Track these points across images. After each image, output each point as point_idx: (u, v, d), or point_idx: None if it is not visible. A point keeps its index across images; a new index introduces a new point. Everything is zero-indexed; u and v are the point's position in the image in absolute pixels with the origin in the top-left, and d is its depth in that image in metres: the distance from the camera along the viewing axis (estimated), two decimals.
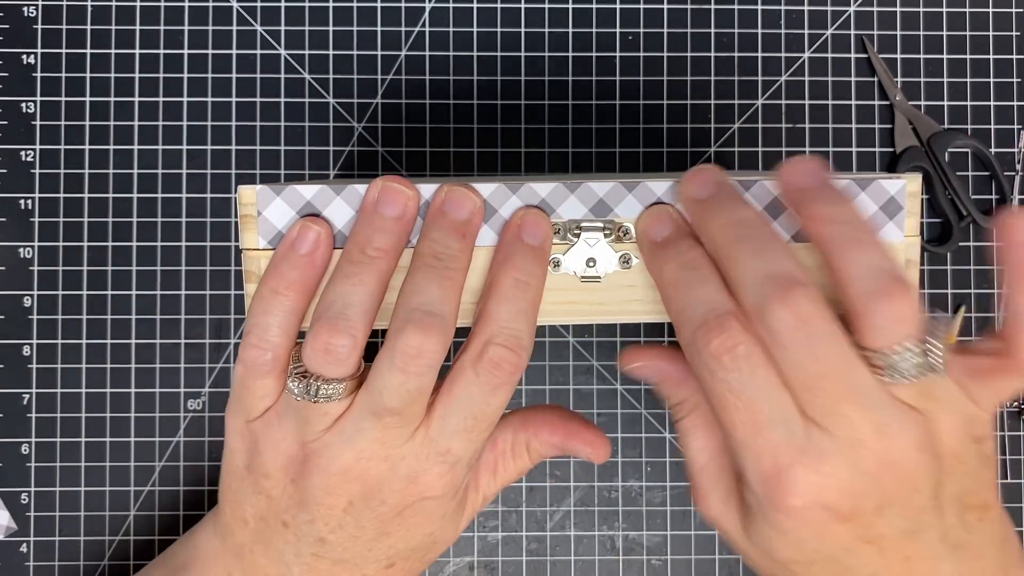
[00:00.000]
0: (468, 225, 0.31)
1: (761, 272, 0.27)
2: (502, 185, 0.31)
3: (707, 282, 0.29)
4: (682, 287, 0.29)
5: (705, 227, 0.29)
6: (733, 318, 0.27)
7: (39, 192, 0.45)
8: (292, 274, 0.30)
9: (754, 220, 0.29)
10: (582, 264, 0.31)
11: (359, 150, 0.46)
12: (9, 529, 0.45)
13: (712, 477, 0.32)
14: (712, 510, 0.32)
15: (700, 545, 0.46)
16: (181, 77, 0.46)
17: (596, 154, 0.46)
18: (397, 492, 0.31)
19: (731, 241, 0.28)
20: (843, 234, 0.28)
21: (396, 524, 0.32)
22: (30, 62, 0.45)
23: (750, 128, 0.46)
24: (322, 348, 0.29)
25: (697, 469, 0.33)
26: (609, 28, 0.46)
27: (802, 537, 0.28)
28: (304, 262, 0.30)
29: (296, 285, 0.31)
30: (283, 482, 0.31)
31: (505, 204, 0.31)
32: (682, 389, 0.33)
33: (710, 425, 0.32)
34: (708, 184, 0.30)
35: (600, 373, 0.46)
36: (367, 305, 0.30)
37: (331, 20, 0.46)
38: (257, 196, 0.31)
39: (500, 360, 0.30)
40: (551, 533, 0.46)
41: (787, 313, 0.26)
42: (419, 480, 0.31)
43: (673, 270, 0.29)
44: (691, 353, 0.28)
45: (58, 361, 0.45)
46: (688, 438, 0.33)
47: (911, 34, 0.46)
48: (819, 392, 0.27)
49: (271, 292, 0.31)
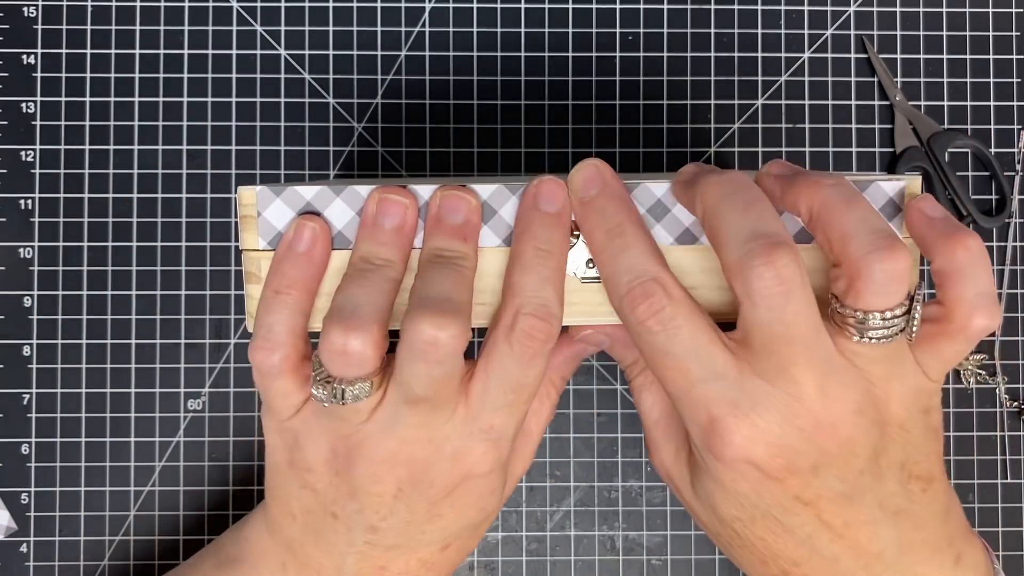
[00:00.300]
0: (467, 226, 0.31)
1: (748, 229, 0.27)
2: (502, 186, 0.31)
3: (630, 248, 0.29)
4: (608, 254, 0.30)
5: (697, 187, 0.29)
6: (655, 283, 0.28)
7: (39, 192, 0.45)
8: (292, 272, 0.30)
9: (744, 180, 0.29)
10: (582, 265, 0.31)
11: (359, 150, 0.46)
12: (9, 529, 0.45)
13: (663, 432, 0.33)
14: (665, 464, 0.33)
15: (700, 545, 0.46)
16: (181, 77, 0.46)
17: (596, 154, 0.46)
18: (445, 473, 0.31)
19: (720, 198, 0.28)
20: (840, 194, 0.28)
21: (447, 505, 0.32)
22: (30, 62, 0.45)
23: (750, 128, 0.46)
24: (339, 350, 0.29)
25: (650, 424, 0.34)
26: (609, 28, 0.46)
27: (740, 491, 0.29)
28: (302, 259, 0.30)
29: (297, 283, 0.31)
30: (327, 475, 0.31)
31: (505, 205, 0.31)
32: (631, 350, 0.34)
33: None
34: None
35: (600, 373, 0.46)
36: (378, 304, 0.30)
37: (331, 20, 0.46)
38: (257, 197, 0.31)
39: (531, 330, 0.29)
40: (551, 533, 0.46)
41: (769, 272, 0.26)
42: (465, 459, 0.31)
43: (600, 238, 0.30)
44: (622, 317, 0.29)
45: (58, 361, 0.45)
46: (641, 395, 0.34)
47: (911, 34, 0.46)
48: (774, 353, 0.27)
49: (273, 293, 0.31)
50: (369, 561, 0.32)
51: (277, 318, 0.30)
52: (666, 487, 0.46)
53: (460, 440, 0.31)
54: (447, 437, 0.31)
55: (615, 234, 0.29)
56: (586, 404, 0.46)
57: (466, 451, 0.31)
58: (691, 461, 0.32)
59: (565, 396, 0.46)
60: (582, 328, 0.34)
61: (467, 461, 0.31)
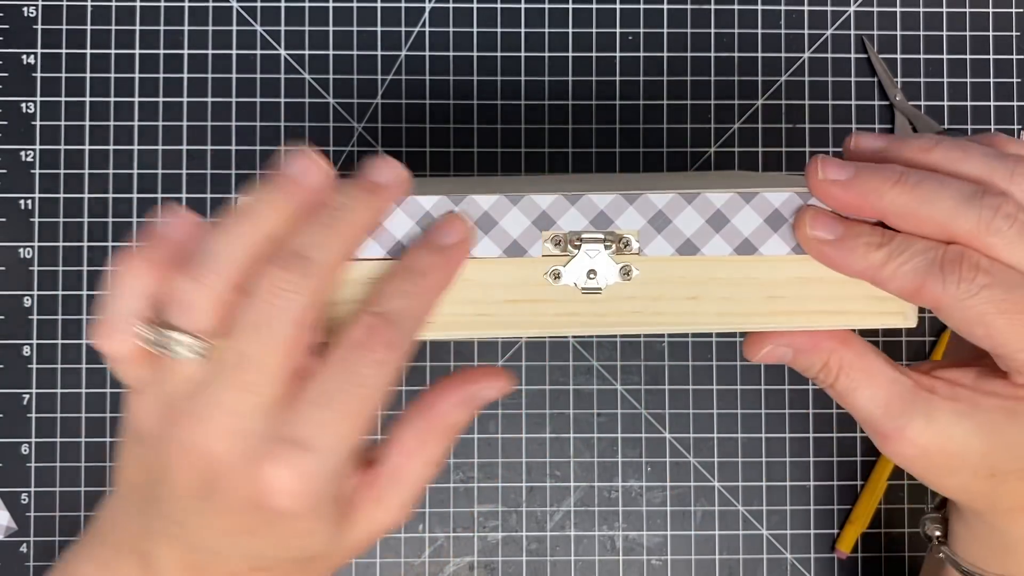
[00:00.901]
0: (382, 188, 0.28)
1: (981, 166, 0.29)
2: (503, 197, 0.31)
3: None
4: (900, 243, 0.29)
5: (884, 195, 0.29)
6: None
7: (39, 192, 0.45)
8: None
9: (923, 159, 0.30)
10: (583, 275, 0.31)
11: (359, 150, 0.46)
12: (9, 529, 0.45)
13: (900, 412, 0.31)
14: (919, 439, 0.31)
15: (700, 545, 0.46)
16: (181, 77, 0.46)
17: (596, 154, 0.46)
18: (243, 478, 0.26)
19: (915, 184, 0.29)
20: (953, 144, 0.29)
21: (259, 522, 0.28)
22: (30, 62, 0.45)
23: (750, 128, 0.46)
24: (171, 290, 0.26)
25: (878, 415, 0.31)
26: (609, 28, 0.46)
27: None
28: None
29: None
30: (145, 452, 0.28)
31: (506, 216, 0.31)
32: (818, 355, 0.32)
33: (868, 370, 0.31)
34: (844, 167, 0.30)
35: (600, 373, 0.46)
36: (233, 256, 0.27)
37: (331, 20, 0.46)
38: None
39: (375, 330, 0.27)
40: (551, 533, 0.46)
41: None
42: (265, 471, 0.26)
43: (872, 252, 0.29)
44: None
45: (58, 361, 0.45)
46: (853, 395, 0.32)
47: (911, 34, 0.46)
48: None
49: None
50: (175, 556, 0.29)
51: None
52: (666, 487, 0.46)
53: (266, 442, 0.26)
54: (254, 431, 0.26)
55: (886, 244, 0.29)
56: (586, 404, 0.46)
57: (268, 458, 0.26)
58: (956, 419, 0.31)
59: (565, 396, 0.46)
60: (758, 346, 0.32)
61: (267, 475, 0.26)
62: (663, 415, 0.46)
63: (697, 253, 0.31)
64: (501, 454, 0.46)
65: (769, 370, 0.46)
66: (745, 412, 0.46)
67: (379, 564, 0.45)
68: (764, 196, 0.31)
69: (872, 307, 0.31)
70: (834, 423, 0.46)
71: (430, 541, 0.45)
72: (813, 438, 0.46)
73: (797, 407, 0.46)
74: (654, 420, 0.46)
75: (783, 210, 0.30)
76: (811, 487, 0.46)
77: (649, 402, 0.46)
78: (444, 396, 0.31)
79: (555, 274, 0.31)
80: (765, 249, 0.31)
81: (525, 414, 0.46)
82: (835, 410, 0.46)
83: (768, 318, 0.31)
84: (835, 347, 0.31)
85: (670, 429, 0.46)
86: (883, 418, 0.31)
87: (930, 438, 0.31)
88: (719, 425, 0.46)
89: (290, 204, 0.28)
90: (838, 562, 0.46)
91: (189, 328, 0.27)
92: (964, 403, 0.31)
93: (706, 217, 0.31)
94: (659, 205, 0.31)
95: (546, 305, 0.31)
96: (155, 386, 0.28)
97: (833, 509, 0.46)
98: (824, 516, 0.46)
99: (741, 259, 0.31)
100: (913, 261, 0.29)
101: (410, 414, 0.31)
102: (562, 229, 0.31)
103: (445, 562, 0.45)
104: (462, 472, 0.46)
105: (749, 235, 0.31)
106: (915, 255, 0.29)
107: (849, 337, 0.31)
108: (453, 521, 0.45)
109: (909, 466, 0.32)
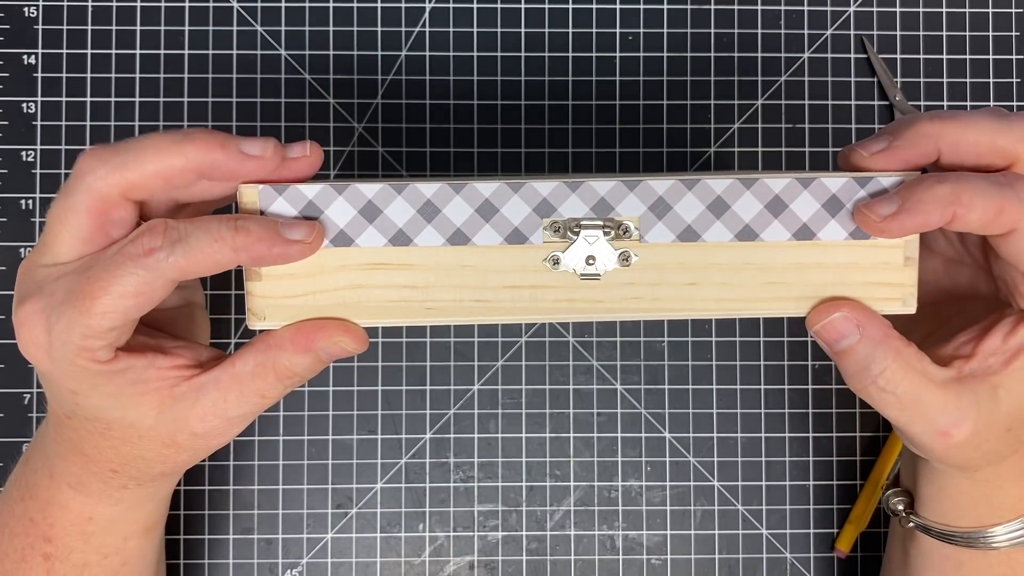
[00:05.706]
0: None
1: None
2: (504, 184, 0.31)
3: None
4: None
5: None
6: None
7: (40, 192, 0.45)
8: None
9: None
10: (581, 262, 0.31)
11: (359, 150, 0.46)
12: None
13: (955, 413, 0.31)
14: (971, 427, 0.31)
15: (700, 544, 0.46)
16: (182, 77, 0.46)
17: (596, 154, 0.46)
18: (61, 364, 0.29)
19: (951, 116, 0.30)
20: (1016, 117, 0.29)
21: (51, 390, 0.31)
22: (31, 62, 0.45)
23: (750, 128, 0.46)
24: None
25: (931, 430, 0.31)
26: (609, 28, 0.46)
27: None
28: None
29: None
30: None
31: (507, 203, 0.31)
32: (885, 349, 0.30)
33: (907, 367, 0.30)
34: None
35: (600, 373, 0.46)
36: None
37: (331, 20, 0.46)
38: (259, 195, 0.31)
39: (147, 234, 0.28)
40: (551, 533, 0.46)
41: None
42: (72, 361, 0.29)
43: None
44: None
45: None
46: (907, 429, 0.32)
47: (911, 34, 0.46)
48: None
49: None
50: (63, 439, 0.33)
51: None
52: (666, 487, 0.46)
53: (70, 334, 0.28)
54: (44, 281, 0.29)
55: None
56: (586, 404, 0.46)
57: (70, 352, 0.29)
58: (993, 394, 0.31)
59: (565, 396, 0.46)
60: (833, 309, 0.30)
61: (18, 337, 0.29)
62: (663, 415, 0.46)
63: (698, 239, 0.31)
64: (501, 454, 0.46)
65: (769, 370, 0.46)
66: (744, 412, 0.46)
67: (379, 564, 0.45)
68: (764, 182, 0.31)
69: (871, 293, 0.31)
70: (834, 423, 0.46)
71: (430, 541, 0.45)
72: (812, 438, 0.46)
73: (797, 407, 0.46)
74: (654, 420, 0.46)
75: (784, 196, 0.31)
76: (811, 487, 0.46)
77: (649, 402, 0.46)
78: (292, 339, 0.31)
79: (554, 260, 0.31)
80: (766, 235, 0.31)
81: (525, 414, 0.46)
82: (835, 410, 0.46)
83: (767, 303, 0.31)
84: (897, 346, 0.30)
85: (670, 429, 0.46)
86: (936, 422, 0.31)
87: (978, 422, 0.30)
88: (719, 425, 0.46)
89: (231, 164, 0.29)
90: (838, 561, 0.46)
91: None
92: (998, 375, 0.30)
93: (707, 203, 0.31)
94: (659, 191, 0.31)
95: (545, 291, 0.31)
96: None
97: (832, 509, 0.46)
98: (824, 516, 0.46)
99: (740, 245, 0.31)
100: (981, 184, 0.29)
101: (255, 342, 0.31)
102: (562, 216, 0.31)
103: (445, 561, 0.46)
104: (462, 472, 0.46)
105: (750, 221, 0.31)
106: (979, 179, 0.29)
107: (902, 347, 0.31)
108: (453, 521, 0.46)
109: (956, 455, 0.32)
